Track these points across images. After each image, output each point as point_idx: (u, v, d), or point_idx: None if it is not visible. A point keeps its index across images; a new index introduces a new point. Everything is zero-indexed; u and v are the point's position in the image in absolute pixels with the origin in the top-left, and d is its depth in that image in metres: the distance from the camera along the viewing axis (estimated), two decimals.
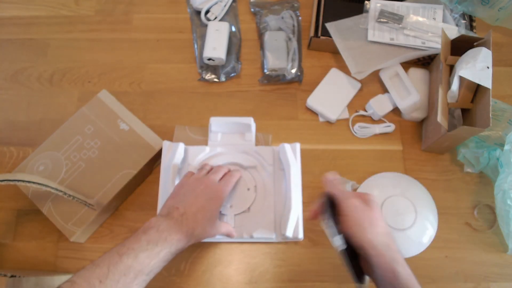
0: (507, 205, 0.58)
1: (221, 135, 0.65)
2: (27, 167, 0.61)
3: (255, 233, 0.56)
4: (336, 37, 0.70)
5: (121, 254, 0.42)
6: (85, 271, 0.41)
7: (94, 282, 0.40)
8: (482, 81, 0.56)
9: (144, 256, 0.43)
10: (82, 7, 0.79)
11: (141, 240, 0.44)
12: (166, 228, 0.46)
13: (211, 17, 0.76)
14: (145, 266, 0.43)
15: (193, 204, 0.50)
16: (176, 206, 0.49)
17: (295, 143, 0.60)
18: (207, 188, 0.52)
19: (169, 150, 0.60)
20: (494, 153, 0.61)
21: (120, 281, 0.41)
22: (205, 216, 0.50)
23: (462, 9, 0.71)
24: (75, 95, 0.72)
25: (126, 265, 0.42)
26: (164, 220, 0.47)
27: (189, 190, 0.52)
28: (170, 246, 0.45)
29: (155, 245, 0.44)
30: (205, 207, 0.50)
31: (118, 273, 0.41)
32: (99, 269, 0.41)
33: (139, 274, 0.42)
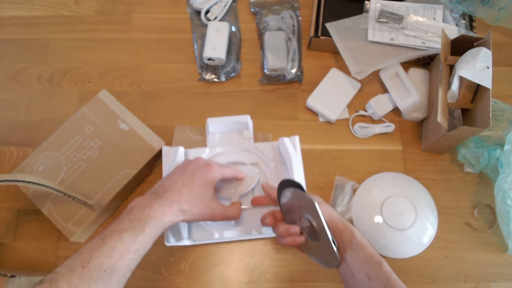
0: (507, 205, 0.58)
1: (219, 135, 0.65)
2: (27, 167, 0.61)
3: (264, 228, 0.57)
4: (336, 37, 0.70)
5: (103, 238, 0.42)
6: (69, 260, 0.40)
7: (76, 269, 0.39)
8: (482, 81, 0.56)
9: (127, 235, 0.42)
10: (82, 7, 0.79)
11: (124, 221, 0.43)
12: (148, 204, 0.45)
13: (211, 17, 0.76)
14: (130, 244, 0.42)
15: (178, 180, 0.49)
16: (162, 184, 0.49)
17: (293, 136, 0.61)
18: (196, 165, 0.52)
19: (169, 155, 0.60)
20: (494, 153, 0.61)
21: (104, 263, 0.40)
22: (191, 192, 0.49)
23: (462, 9, 0.71)
24: (75, 95, 0.72)
25: (109, 247, 0.41)
26: (148, 198, 0.47)
27: (179, 170, 0.52)
28: (154, 220, 0.44)
29: (138, 222, 0.43)
30: (192, 182, 0.49)
31: (102, 255, 0.40)
32: (82, 255, 0.40)
33: (124, 253, 0.42)
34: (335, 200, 0.64)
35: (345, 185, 0.64)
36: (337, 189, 0.65)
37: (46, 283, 0.38)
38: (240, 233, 0.57)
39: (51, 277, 0.39)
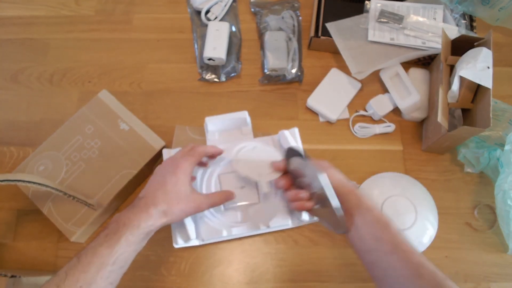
0: (507, 205, 0.58)
1: (219, 133, 0.65)
2: (27, 167, 0.61)
3: (271, 222, 0.57)
4: (337, 37, 0.70)
5: (79, 257, 0.42)
6: (45, 284, 0.40)
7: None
8: (483, 81, 0.56)
9: (102, 249, 0.42)
10: (82, 7, 0.79)
11: (100, 237, 0.44)
12: (124, 217, 0.45)
13: (211, 17, 0.76)
14: (106, 257, 0.42)
15: (152, 186, 0.50)
16: (138, 196, 0.49)
17: (293, 128, 0.61)
18: (165, 164, 0.52)
19: None
20: (494, 153, 0.61)
21: (79, 279, 0.40)
22: (166, 191, 0.48)
23: (463, 9, 0.71)
24: (75, 95, 0.72)
25: (84, 263, 0.41)
26: (125, 211, 0.47)
27: (153, 175, 0.52)
28: (131, 228, 0.44)
29: (114, 234, 0.43)
30: (163, 183, 0.49)
31: (77, 272, 0.40)
32: (57, 276, 0.40)
33: (101, 266, 0.41)
34: None
35: None
36: None
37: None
38: (248, 229, 0.58)
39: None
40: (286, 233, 0.62)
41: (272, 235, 0.62)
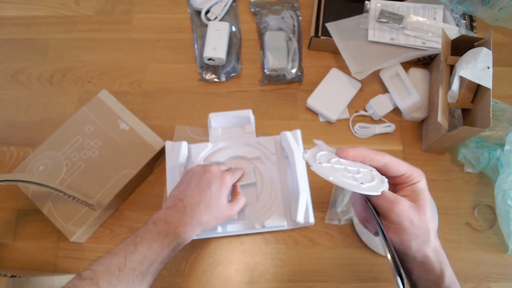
0: (507, 205, 0.57)
1: (222, 130, 0.65)
2: (27, 167, 0.61)
3: (266, 222, 0.57)
4: (337, 37, 0.70)
5: (135, 244, 0.44)
6: (104, 260, 0.42)
7: (113, 270, 0.41)
8: (483, 81, 0.56)
9: (157, 246, 0.45)
10: (82, 7, 0.79)
11: (152, 231, 0.46)
12: (173, 220, 0.48)
13: (211, 17, 0.76)
14: (158, 255, 0.45)
15: (196, 195, 0.50)
16: (180, 197, 0.50)
17: (295, 130, 0.61)
18: (211, 176, 0.52)
19: (173, 150, 0.60)
20: (494, 153, 0.61)
21: (136, 269, 0.42)
22: (209, 205, 0.50)
23: (463, 9, 0.71)
24: (75, 95, 0.72)
25: (141, 255, 0.43)
26: (171, 212, 0.49)
27: (193, 179, 0.52)
28: (178, 237, 0.47)
29: (166, 236, 0.46)
30: (209, 197, 0.51)
31: (135, 262, 0.43)
32: (117, 258, 0.42)
33: (153, 263, 0.44)
34: (335, 200, 0.64)
35: None
36: (337, 189, 0.65)
37: (87, 280, 0.40)
38: (243, 227, 0.58)
39: (90, 275, 0.40)
40: (286, 233, 0.62)
41: (272, 235, 0.62)
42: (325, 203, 0.64)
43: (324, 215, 0.63)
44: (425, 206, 0.38)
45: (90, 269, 0.41)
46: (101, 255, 0.43)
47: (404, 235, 0.37)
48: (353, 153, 0.39)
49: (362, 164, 0.40)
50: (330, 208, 0.64)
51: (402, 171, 0.39)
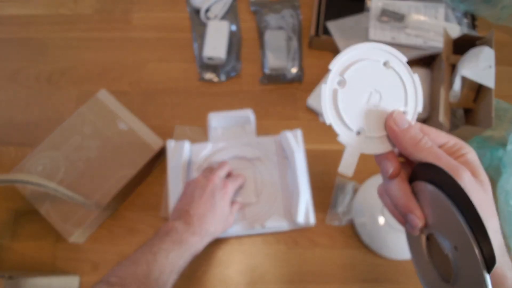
0: (509, 206, 0.57)
1: (221, 130, 0.65)
2: (26, 167, 0.60)
3: (266, 222, 0.57)
4: (337, 36, 0.69)
5: (154, 253, 0.44)
6: (127, 268, 0.42)
7: (140, 279, 0.42)
8: (485, 80, 0.56)
9: (173, 256, 0.45)
10: (81, 6, 0.79)
11: (167, 241, 0.46)
12: (183, 230, 0.48)
13: (211, 16, 0.76)
14: (175, 265, 0.45)
15: (202, 206, 0.51)
16: (185, 209, 0.51)
17: (296, 129, 0.61)
18: (214, 186, 0.53)
19: (175, 149, 0.60)
20: (496, 153, 0.61)
21: (159, 279, 0.43)
22: (215, 215, 0.52)
23: (464, 8, 0.70)
24: (74, 95, 0.72)
25: (161, 264, 0.44)
26: (179, 223, 0.49)
27: (196, 191, 0.53)
28: (190, 247, 0.48)
29: (180, 245, 0.46)
30: (214, 206, 0.52)
31: (157, 271, 0.43)
32: (140, 266, 0.43)
33: (171, 272, 0.45)
34: (336, 201, 0.64)
35: (346, 186, 0.64)
36: (338, 189, 0.64)
37: (117, 286, 0.40)
38: (243, 228, 0.58)
39: (119, 282, 0.41)
40: (287, 234, 0.62)
41: (273, 235, 0.62)
42: (325, 204, 0.64)
43: (325, 215, 0.63)
44: (487, 183, 0.30)
45: (115, 275, 0.41)
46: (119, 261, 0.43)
47: None
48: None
49: None
50: (331, 208, 0.63)
51: (444, 139, 0.31)
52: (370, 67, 0.33)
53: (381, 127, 0.32)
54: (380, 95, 0.32)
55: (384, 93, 0.32)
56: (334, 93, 0.33)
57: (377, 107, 0.32)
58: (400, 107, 0.32)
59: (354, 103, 0.32)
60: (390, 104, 0.32)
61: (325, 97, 0.33)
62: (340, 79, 0.33)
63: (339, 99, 0.32)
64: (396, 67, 0.32)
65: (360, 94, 0.32)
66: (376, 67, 0.33)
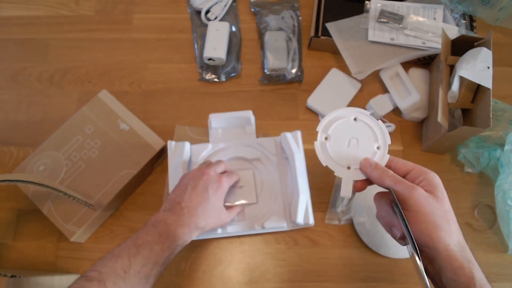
0: (507, 205, 0.57)
1: (222, 130, 0.65)
2: (28, 167, 0.61)
3: (266, 223, 0.57)
4: (337, 37, 0.70)
5: (138, 246, 0.44)
6: (107, 261, 0.42)
7: (119, 272, 0.41)
8: (483, 81, 0.56)
9: (158, 249, 0.45)
10: (82, 7, 0.79)
11: (153, 233, 0.46)
12: (172, 222, 0.48)
13: (211, 17, 0.76)
14: (160, 257, 0.45)
15: (194, 198, 0.51)
16: (177, 200, 0.50)
17: (296, 131, 0.61)
18: (208, 179, 0.53)
19: (175, 150, 0.60)
20: (494, 153, 0.61)
21: (140, 271, 0.43)
22: (206, 208, 0.51)
23: (463, 9, 0.71)
24: (75, 95, 0.72)
25: (144, 257, 0.43)
26: (169, 215, 0.49)
27: (190, 183, 0.52)
28: (178, 239, 0.47)
29: (166, 237, 0.46)
30: (206, 199, 0.51)
31: (139, 264, 0.43)
32: (121, 260, 0.42)
33: (155, 265, 0.44)
34: (335, 200, 0.64)
35: None
36: (337, 189, 0.65)
37: (94, 281, 0.40)
38: (243, 227, 0.58)
39: (97, 276, 0.40)
40: (286, 233, 0.62)
41: (272, 235, 0.62)
42: (325, 203, 0.64)
43: (324, 215, 0.63)
44: (443, 197, 0.39)
45: (95, 270, 0.41)
46: (102, 255, 0.43)
47: (423, 223, 0.38)
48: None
49: None
50: (330, 208, 0.64)
51: (410, 167, 0.42)
52: (345, 123, 0.47)
53: None
54: (357, 140, 0.46)
55: (359, 138, 0.46)
56: (323, 145, 0.46)
57: (357, 148, 0.46)
58: (374, 144, 0.46)
59: (340, 148, 0.46)
60: (366, 144, 0.46)
61: (318, 149, 0.46)
62: (325, 135, 0.47)
63: (328, 149, 0.46)
64: (363, 119, 0.47)
65: (343, 142, 0.46)
66: (349, 122, 0.47)
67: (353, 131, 0.47)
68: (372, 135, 0.46)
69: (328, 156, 0.46)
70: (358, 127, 0.47)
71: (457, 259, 0.37)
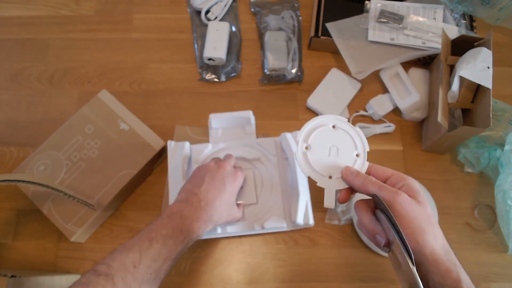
0: (507, 205, 0.57)
1: (222, 131, 0.65)
2: (28, 167, 0.61)
3: (266, 223, 0.57)
4: (337, 37, 0.70)
5: (150, 240, 0.43)
6: (119, 254, 0.42)
7: (129, 267, 0.41)
8: (483, 81, 0.56)
9: (171, 243, 0.44)
10: (82, 7, 0.79)
11: (168, 226, 0.45)
12: (188, 214, 0.47)
13: (211, 17, 0.76)
14: (172, 252, 0.44)
15: (211, 190, 0.50)
16: (194, 191, 0.50)
17: (296, 131, 0.61)
18: (225, 172, 0.52)
19: (175, 150, 0.60)
20: (494, 153, 0.61)
21: (151, 266, 0.42)
22: (222, 202, 0.51)
23: (463, 9, 0.71)
24: (75, 95, 0.72)
25: (156, 251, 0.43)
26: (186, 206, 0.48)
27: (207, 175, 0.52)
28: (191, 233, 0.46)
29: (180, 231, 0.45)
30: (223, 193, 0.51)
31: (150, 258, 0.42)
32: (132, 253, 0.42)
33: (166, 260, 0.44)
34: None
35: None
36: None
37: (102, 276, 0.39)
38: (242, 228, 0.58)
39: (105, 270, 0.39)
40: (286, 233, 0.62)
41: (272, 235, 0.62)
42: None
43: (324, 215, 0.63)
44: (424, 202, 0.40)
45: (105, 263, 0.40)
46: (103, 255, 0.43)
47: (410, 228, 0.38)
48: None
49: None
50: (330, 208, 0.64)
51: (389, 173, 0.43)
52: (324, 131, 0.46)
53: None
54: (337, 148, 0.46)
55: (339, 146, 0.46)
56: (305, 155, 0.46)
57: (337, 157, 0.45)
58: (353, 151, 0.46)
59: (320, 158, 0.45)
60: (346, 152, 0.46)
61: (299, 159, 0.45)
62: (306, 144, 0.46)
63: (309, 158, 0.45)
64: (342, 127, 0.47)
65: (323, 151, 0.46)
66: (329, 130, 0.47)
67: (333, 139, 0.46)
68: (351, 143, 0.46)
69: (310, 166, 0.45)
70: (337, 135, 0.46)
71: (444, 263, 0.38)
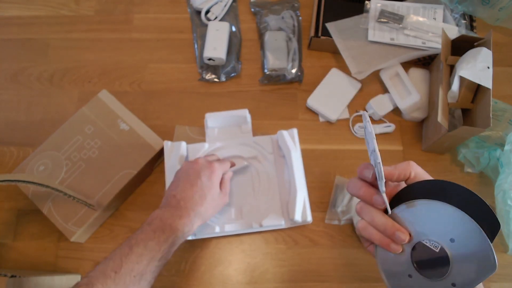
0: (507, 205, 0.57)
1: (218, 130, 0.65)
2: (28, 167, 0.61)
3: (264, 221, 0.57)
4: (337, 37, 0.70)
5: (131, 246, 0.44)
6: (100, 266, 0.43)
7: (109, 274, 0.41)
8: (483, 81, 0.56)
9: (153, 244, 0.45)
10: (82, 7, 0.79)
11: (147, 231, 0.46)
12: (168, 216, 0.48)
13: (212, 17, 0.76)
14: (156, 252, 0.45)
15: (188, 188, 0.51)
16: (172, 194, 0.51)
17: (292, 129, 0.61)
18: (198, 167, 0.53)
19: (171, 150, 0.60)
20: (494, 153, 0.61)
21: (134, 269, 0.42)
22: (203, 195, 0.51)
23: (463, 9, 0.71)
24: (75, 95, 0.72)
25: (137, 254, 0.43)
26: (166, 210, 0.49)
27: (183, 175, 0.53)
28: (176, 231, 0.47)
29: (162, 232, 0.46)
30: (200, 186, 0.51)
31: (131, 262, 0.43)
32: (112, 261, 0.42)
33: (151, 261, 0.44)
34: (335, 200, 0.64)
35: (345, 185, 0.64)
36: (337, 189, 0.65)
37: (82, 286, 0.40)
38: (240, 226, 0.58)
39: (86, 281, 0.41)
40: (286, 233, 0.62)
41: (272, 235, 0.62)
42: (325, 203, 0.64)
43: (324, 215, 0.63)
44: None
45: (87, 276, 0.42)
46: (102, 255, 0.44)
47: None
48: None
49: None
50: (330, 208, 0.64)
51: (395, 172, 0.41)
52: None
53: None
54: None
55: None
56: None
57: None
58: None
59: None
60: None
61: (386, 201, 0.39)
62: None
63: None
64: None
65: None
66: None
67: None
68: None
69: None
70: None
71: None
